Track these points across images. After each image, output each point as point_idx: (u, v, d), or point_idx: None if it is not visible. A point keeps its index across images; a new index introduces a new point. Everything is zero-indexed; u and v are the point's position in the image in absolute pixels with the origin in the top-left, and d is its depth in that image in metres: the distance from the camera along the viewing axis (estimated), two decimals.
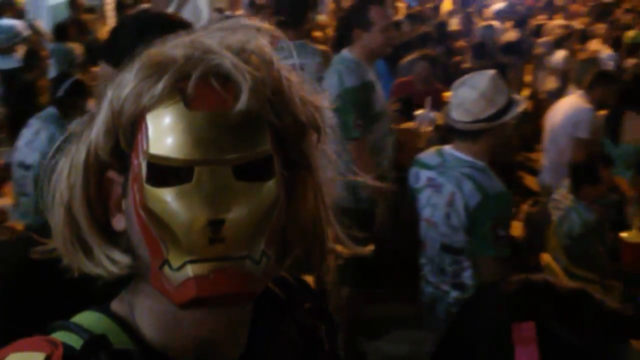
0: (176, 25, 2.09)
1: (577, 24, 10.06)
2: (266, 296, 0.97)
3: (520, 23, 9.97)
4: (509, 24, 10.22)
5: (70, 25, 8.08)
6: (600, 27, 9.68)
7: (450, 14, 11.59)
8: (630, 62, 7.38)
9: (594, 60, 6.90)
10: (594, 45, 8.83)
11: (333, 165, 0.94)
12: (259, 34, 0.86)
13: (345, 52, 3.65)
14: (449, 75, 7.93)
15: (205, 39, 0.83)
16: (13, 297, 1.09)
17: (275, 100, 0.83)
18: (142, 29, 2.00)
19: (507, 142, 3.01)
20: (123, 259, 0.85)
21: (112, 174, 0.86)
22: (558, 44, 8.58)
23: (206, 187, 0.78)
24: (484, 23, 10.09)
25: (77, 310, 0.90)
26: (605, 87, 5.26)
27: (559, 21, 10.76)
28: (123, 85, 0.82)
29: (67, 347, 0.81)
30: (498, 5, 11.66)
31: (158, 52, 0.83)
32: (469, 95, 2.86)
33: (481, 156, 2.89)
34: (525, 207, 3.80)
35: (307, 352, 1.02)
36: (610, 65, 7.39)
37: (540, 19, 11.46)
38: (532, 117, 7.07)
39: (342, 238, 0.96)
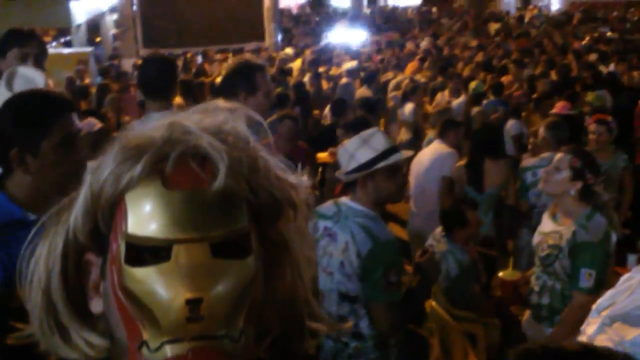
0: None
1: (422, 78, 10.75)
2: None
3: (369, 80, 10.47)
4: (358, 82, 10.72)
5: None
6: (445, 81, 10.40)
7: (302, 73, 11.98)
8: (475, 109, 8.00)
9: (445, 110, 7.52)
10: (440, 97, 9.48)
11: (309, 243, 0.96)
12: (234, 115, 0.89)
13: None
14: (310, 133, 8.21)
15: (183, 121, 0.85)
16: None
17: (252, 179, 0.85)
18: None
19: (391, 194, 3.10)
20: (100, 342, 0.85)
21: (90, 256, 0.87)
22: (406, 97, 9.12)
23: (184, 265, 0.79)
24: (342, 81, 10.53)
25: None
26: (456, 131, 5.86)
27: (404, 76, 11.47)
28: (102, 168, 0.83)
29: None
30: (350, 64, 12.18)
31: (137, 135, 0.85)
32: (338, 152, 3.19)
33: (369, 205, 3.05)
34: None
35: None
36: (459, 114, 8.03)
37: (388, 75, 12.15)
38: None
39: (320, 315, 0.98)
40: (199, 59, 14.21)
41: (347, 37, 18.52)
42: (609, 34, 19.53)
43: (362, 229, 2.97)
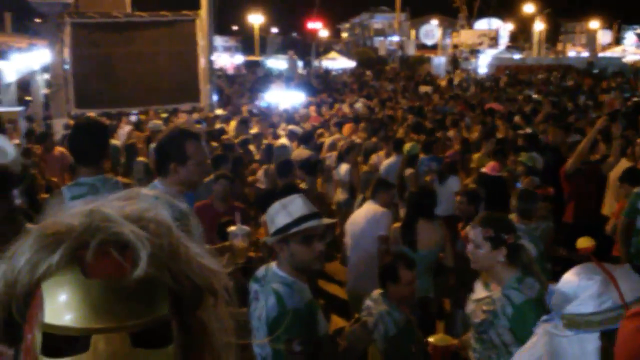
0: None
1: (357, 139, 10.90)
2: None
3: (306, 139, 10.54)
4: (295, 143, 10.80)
5: None
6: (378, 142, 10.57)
7: (237, 134, 11.99)
8: (409, 171, 8.13)
9: (372, 171, 7.64)
10: (375, 157, 9.62)
11: (229, 329, 0.96)
12: (156, 202, 0.90)
13: (156, 182, 3.57)
14: (244, 193, 8.16)
15: (104, 208, 0.84)
16: None
17: (173, 266, 0.85)
18: None
19: (309, 260, 3.06)
20: None
21: (0, 347, 0.84)
22: (342, 157, 9.21)
23: (103, 356, 0.77)
24: (279, 143, 10.57)
25: None
26: (387, 192, 5.96)
27: (340, 136, 11.62)
28: (17, 256, 0.81)
29: None
30: (292, 126, 12.29)
31: (54, 222, 0.83)
32: (266, 215, 3.21)
33: (289, 270, 3.07)
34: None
35: None
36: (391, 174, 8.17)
37: (324, 135, 12.27)
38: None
39: None
40: (133, 118, 14.06)
41: (283, 97, 18.75)
42: (534, 95, 20.42)
43: (274, 295, 2.98)
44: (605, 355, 1.90)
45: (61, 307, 0.78)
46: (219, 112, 15.44)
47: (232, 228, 3.63)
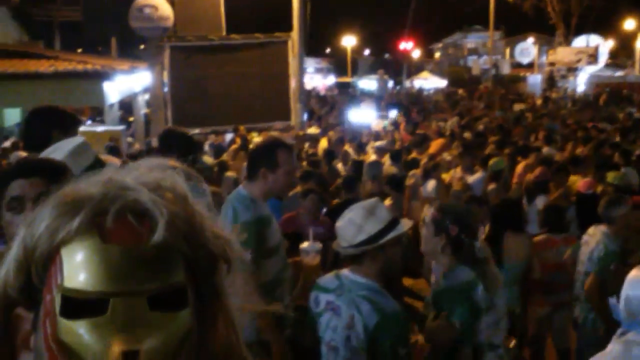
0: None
1: (448, 156, 10.83)
2: None
3: (395, 157, 10.58)
4: (385, 158, 10.84)
5: None
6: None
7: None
8: (492, 186, 8.02)
9: (465, 189, 7.57)
10: (452, 172, 9.54)
11: (242, 294, 0.99)
12: (173, 172, 0.92)
13: (240, 189, 3.76)
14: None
15: (122, 177, 0.87)
16: None
17: (189, 234, 0.87)
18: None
19: (397, 265, 3.07)
20: None
21: (21, 310, 0.86)
22: (428, 174, 9.17)
23: (121, 318, 0.79)
24: (371, 159, 10.65)
25: None
26: (479, 207, 5.85)
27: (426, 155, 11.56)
28: (37, 222, 0.84)
29: None
30: (379, 142, 12.38)
31: (74, 190, 0.86)
32: (339, 223, 3.06)
33: (373, 277, 2.98)
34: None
35: None
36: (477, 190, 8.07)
37: (414, 153, 12.24)
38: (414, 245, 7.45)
39: None
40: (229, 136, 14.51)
41: (372, 116, 18.85)
42: (636, 114, 19.56)
43: (367, 302, 2.91)
44: None
45: (80, 271, 0.81)
46: (311, 130, 15.68)
47: (304, 244, 3.59)
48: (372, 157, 11.14)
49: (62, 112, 3.68)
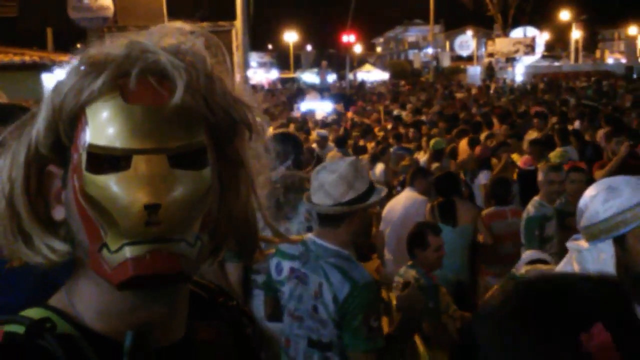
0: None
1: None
2: (193, 295, 1.03)
3: (340, 143, 10.68)
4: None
5: None
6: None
7: None
8: (435, 165, 8.30)
9: (411, 164, 7.79)
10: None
11: (264, 163, 1.01)
12: (193, 36, 0.94)
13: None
14: None
15: (142, 40, 0.90)
16: None
17: (208, 96, 0.90)
18: None
19: (367, 230, 3.04)
20: (62, 247, 0.90)
21: (52, 167, 0.91)
22: (376, 158, 9.37)
23: (143, 174, 0.83)
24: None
25: None
26: (425, 179, 6.15)
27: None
28: (62, 83, 0.88)
29: (12, 335, 0.84)
30: (320, 131, 12.42)
31: (97, 52, 0.89)
32: (329, 178, 2.73)
33: (345, 244, 2.76)
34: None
35: (236, 345, 1.08)
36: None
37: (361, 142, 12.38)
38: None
39: (272, 228, 1.04)
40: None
41: (316, 107, 18.97)
42: (572, 100, 20.20)
43: (337, 271, 2.66)
44: (618, 262, 1.94)
45: (104, 129, 0.85)
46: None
47: None
48: (314, 144, 11.21)
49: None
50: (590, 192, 2.11)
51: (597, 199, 2.04)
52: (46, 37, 24.67)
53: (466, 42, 53.00)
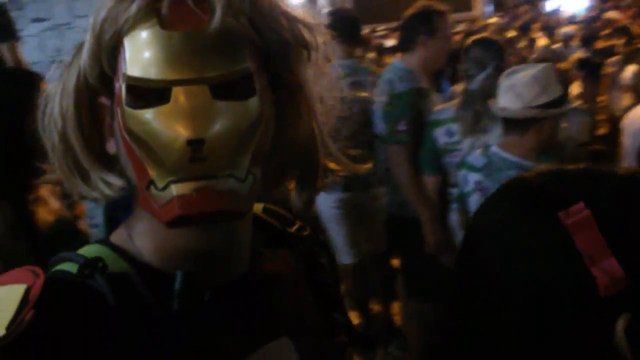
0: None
1: None
2: (261, 224, 1.00)
3: (587, 42, 9.74)
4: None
5: None
6: None
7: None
8: None
9: None
10: None
11: (328, 82, 0.92)
12: None
13: (396, 62, 3.69)
14: None
15: None
16: None
17: (254, 17, 0.81)
18: None
19: (557, 145, 2.76)
20: (117, 181, 0.86)
21: (103, 99, 0.86)
22: (626, 60, 8.37)
23: (184, 107, 0.77)
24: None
25: None
26: None
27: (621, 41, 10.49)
28: (99, 10, 0.82)
29: (63, 273, 0.83)
30: (566, 28, 11.55)
31: None
32: (522, 79, 2.58)
33: (529, 155, 2.62)
34: None
35: (308, 277, 1.03)
36: None
37: (607, 41, 11.19)
38: (608, 138, 6.90)
39: (336, 156, 0.96)
40: None
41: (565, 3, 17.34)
42: None
43: None
44: None
45: (141, 59, 0.79)
46: (494, 19, 14.86)
47: None
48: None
49: None
50: None
51: None
52: None
53: None
